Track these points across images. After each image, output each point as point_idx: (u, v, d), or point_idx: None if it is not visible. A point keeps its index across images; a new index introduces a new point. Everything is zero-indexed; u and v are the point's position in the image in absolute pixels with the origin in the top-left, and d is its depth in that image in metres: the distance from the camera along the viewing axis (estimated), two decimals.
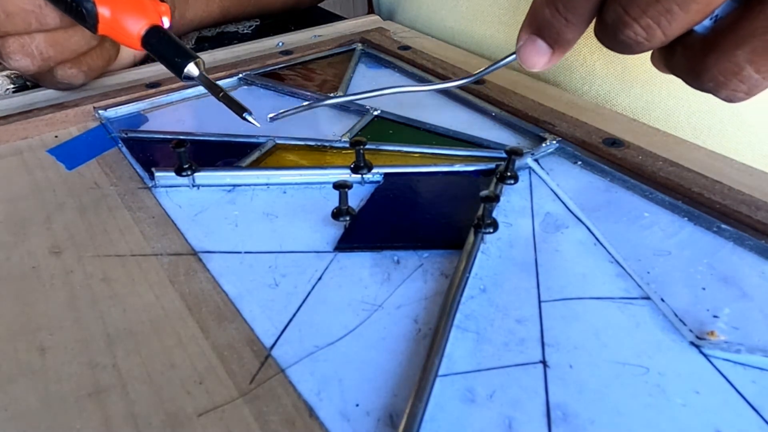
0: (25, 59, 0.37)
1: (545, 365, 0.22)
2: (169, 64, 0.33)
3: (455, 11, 0.50)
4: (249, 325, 0.24)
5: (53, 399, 0.21)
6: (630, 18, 0.23)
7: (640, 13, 0.23)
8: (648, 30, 0.23)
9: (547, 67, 0.27)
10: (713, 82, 0.24)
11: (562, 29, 0.26)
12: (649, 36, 0.23)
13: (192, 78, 0.33)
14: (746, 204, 0.28)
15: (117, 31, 0.34)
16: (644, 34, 0.23)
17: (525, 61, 0.27)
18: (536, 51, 0.27)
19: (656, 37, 0.23)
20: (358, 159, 0.32)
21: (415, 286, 0.25)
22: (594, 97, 0.43)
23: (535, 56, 0.27)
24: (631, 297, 0.24)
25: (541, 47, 0.27)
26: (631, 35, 0.24)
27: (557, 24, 0.26)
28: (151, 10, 0.34)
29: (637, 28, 0.23)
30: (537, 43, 0.27)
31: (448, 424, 0.20)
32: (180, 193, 0.32)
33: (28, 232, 0.29)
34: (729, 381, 0.21)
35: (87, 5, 0.33)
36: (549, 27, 0.26)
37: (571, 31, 0.26)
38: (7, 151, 0.36)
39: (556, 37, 0.26)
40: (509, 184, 0.31)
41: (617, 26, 0.24)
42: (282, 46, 0.49)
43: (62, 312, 0.25)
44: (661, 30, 0.23)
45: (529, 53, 0.27)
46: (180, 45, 0.33)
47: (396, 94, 0.33)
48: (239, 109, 0.31)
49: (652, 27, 0.23)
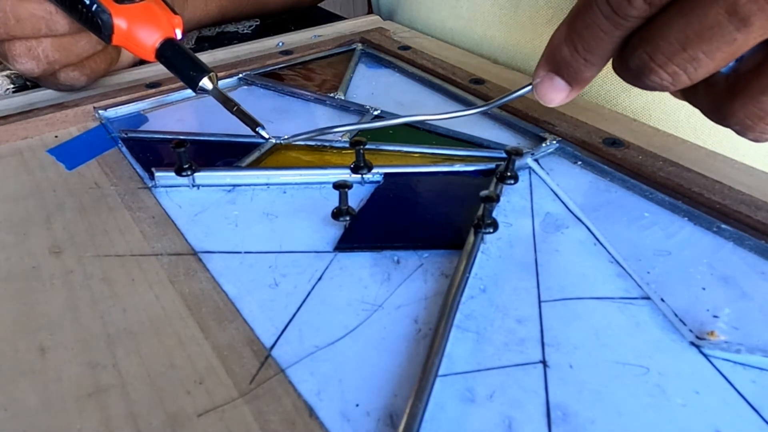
0: (30, 62, 0.37)
1: (545, 365, 0.22)
2: (184, 77, 0.33)
3: (455, 12, 0.50)
4: (249, 325, 0.24)
5: (53, 399, 0.21)
6: (656, 65, 0.23)
7: (665, 60, 0.22)
8: (674, 76, 0.23)
9: (564, 102, 0.27)
10: (740, 126, 0.24)
11: (580, 68, 0.26)
12: (674, 81, 0.23)
13: (206, 91, 0.33)
14: (746, 204, 0.28)
15: (131, 43, 0.34)
16: (670, 79, 0.23)
17: (542, 96, 0.28)
18: (554, 88, 0.27)
19: (681, 82, 0.23)
20: (358, 159, 0.32)
21: (415, 286, 0.25)
22: (595, 97, 0.43)
23: (552, 93, 0.27)
24: (631, 297, 0.24)
25: (558, 84, 0.27)
26: (656, 80, 0.23)
27: (576, 64, 0.25)
28: (165, 23, 0.34)
29: (662, 74, 0.23)
30: (555, 81, 0.27)
31: (448, 424, 0.20)
32: (180, 193, 0.32)
33: (28, 232, 0.29)
34: (729, 381, 0.21)
35: (103, 16, 0.33)
36: (567, 66, 0.26)
37: (590, 70, 0.26)
38: (7, 151, 0.36)
39: (575, 76, 0.26)
40: (509, 184, 0.31)
41: (642, 71, 0.23)
42: (282, 46, 0.49)
43: (62, 312, 0.25)
44: (687, 76, 0.23)
45: (547, 90, 0.27)
46: (194, 58, 0.34)
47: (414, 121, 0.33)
48: (252, 123, 0.32)
49: (678, 73, 0.23)
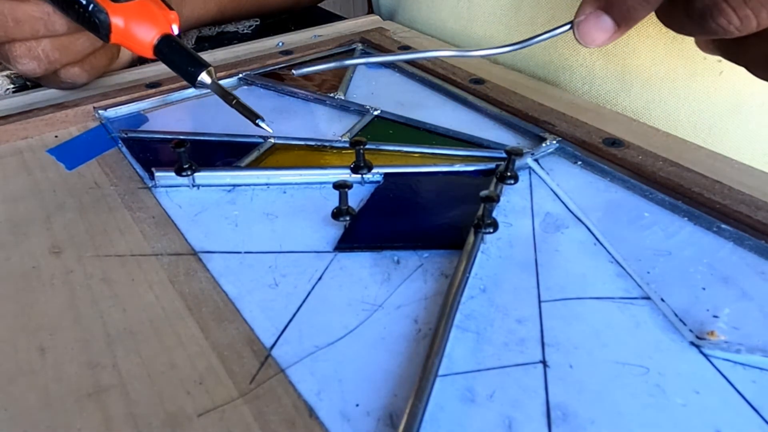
0: (31, 63, 0.37)
1: (545, 365, 0.22)
2: (183, 72, 0.34)
3: (455, 12, 0.50)
4: (249, 325, 0.24)
5: (53, 399, 0.21)
6: (729, 6, 0.21)
7: (740, 2, 0.21)
8: (744, 20, 0.22)
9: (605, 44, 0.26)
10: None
11: (635, 7, 0.24)
12: (743, 25, 0.22)
13: (205, 85, 0.33)
14: (746, 204, 0.28)
15: (129, 40, 0.34)
16: (738, 23, 0.22)
17: (584, 35, 0.26)
18: (600, 27, 0.25)
19: (750, 27, 0.22)
20: (358, 159, 0.32)
21: (415, 286, 0.25)
22: (595, 97, 0.43)
23: (596, 32, 0.26)
24: (631, 297, 0.24)
25: (605, 23, 0.25)
26: (723, 23, 0.22)
27: (633, 2, 0.24)
28: (161, 19, 0.34)
29: (733, 17, 0.22)
30: (602, 19, 0.25)
31: (448, 424, 0.20)
32: (180, 193, 0.32)
33: (28, 232, 0.29)
34: (729, 381, 0.21)
35: (100, 16, 0.33)
36: (621, 3, 0.24)
37: (645, 9, 0.24)
38: (7, 151, 0.36)
39: (626, 15, 0.24)
40: (509, 184, 0.31)
41: (710, 13, 0.22)
42: (282, 46, 0.49)
43: (62, 312, 0.25)
44: (758, 21, 0.22)
45: (591, 28, 0.26)
46: (192, 53, 0.34)
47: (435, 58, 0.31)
48: (252, 116, 0.32)
49: (750, 17, 0.21)
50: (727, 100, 0.40)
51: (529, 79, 0.42)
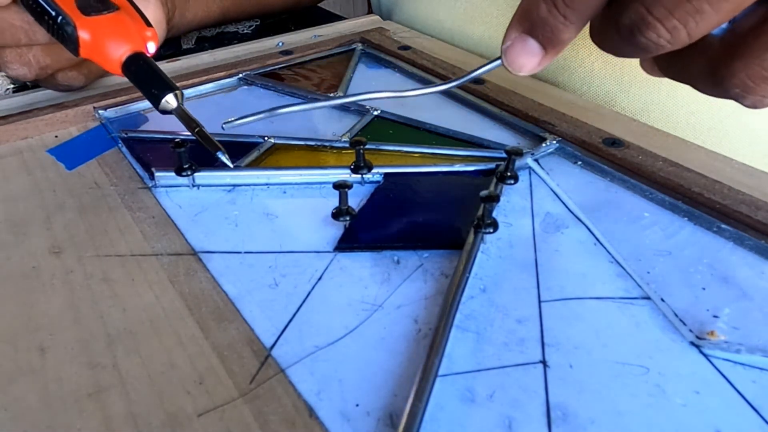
0: (22, 68, 0.37)
1: (545, 365, 0.22)
2: (147, 93, 0.32)
3: (453, 12, 0.50)
4: (249, 325, 0.24)
5: (53, 399, 0.21)
6: (654, 18, 0.21)
7: (666, 13, 0.20)
8: (673, 32, 0.21)
9: (534, 71, 0.25)
10: (740, 88, 0.22)
11: (558, 28, 0.23)
12: (673, 38, 0.21)
13: (168, 111, 0.31)
14: (746, 204, 0.28)
15: (98, 55, 0.33)
16: (668, 36, 0.21)
17: (512, 62, 0.25)
18: (526, 52, 0.24)
19: (680, 39, 0.21)
20: (358, 159, 0.32)
21: (415, 286, 0.25)
22: (594, 97, 0.43)
23: (523, 57, 0.24)
24: (631, 297, 0.24)
25: (532, 48, 0.24)
26: (653, 37, 0.21)
27: (553, 22, 0.23)
28: (135, 36, 0.33)
29: (661, 29, 0.21)
30: (528, 43, 0.24)
31: (448, 424, 0.20)
32: (180, 193, 0.32)
33: (28, 232, 0.29)
34: (729, 381, 0.21)
35: (68, 29, 0.33)
36: (543, 25, 0.23)
37: (569, 30, 0.23)
38: (7, 151, 0.36)
39: (551, 37, 0.24)
40: (509, 184, 0.31)
41: (637, 27, 0.21)
42: (282, 46, 0.49)
43: (62, 312, 0.25)
44: (687, 31, 0.21)
45: (518, 54, 0.24)
46: (160, 75, 0.32)
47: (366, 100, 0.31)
48: (213, 147, 0.30)
49: (678, 28, 0.21)
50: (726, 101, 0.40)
51: (529, 79, 0.42)
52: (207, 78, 0.43)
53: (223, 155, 0.30)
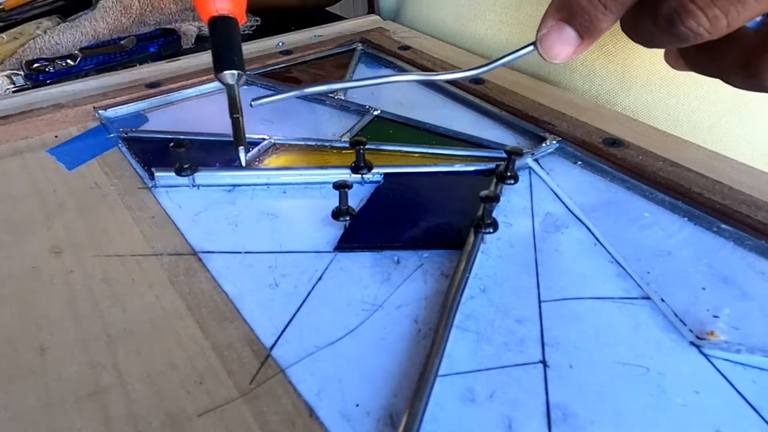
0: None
1: (545, 365, 0.22)
2: (217, 57, 0.31)
3: (456, 10, 0.50)
4: (249, 325, 0.24)
5: (53, 399, 0.21)
6: (696, 7, 0.20)
7: (708, 2, 0.20)
8: (714, 21, 0.21)
9: (569, 59, 0.25)
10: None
11: (598, 17, 0.23)
12: (712, 27, 0.21)
13: (224, 83, 0.31)
14: (746, 204, 0.28)
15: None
16: (708, 25, 0.21)
17: (548, 50, 0.25)
18: (563, 40, 0.24)
19: (719, 28, 0.21)
20: (358, 159, 0.32)
21: (415, 286, 0.25)
22: (594, 97, 0.43)
23: (560, 45, 0.24)
24: (631, 297, 0.24)
25: (568, 36, 0.24)
26: (693, 26, 0.21)
27: (593, 11, 0.23)
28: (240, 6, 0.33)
29: (702, 18, 0.21)
30: (564, 31, 0.24)
31: (448, 424, 0.20)
32: (180, 193, 0.32)
33: (28, 232, 0.29)
34: (729, 381, 0.21)
35: None
36: (583, 13, 0.23)
37: (608, 19, 0.23)
38: (7, 151, 0.36)
39: (589, 26, 0.23)
40: (509, 184, 0.31)
41: (678, 16, 0.21)
42: (282, 46, 0.49)
43: (62, 312, 0.24)
44: (728, 21, 0.21)
45: (554, 42, 0.24)
46: (237, 50, 0.32)
47: (395, 82, 0.30)
48: (239, 141, 0.30)
49: (719, 17, 0.20)
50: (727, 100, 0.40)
51: (529, 79, 0.42)
52: (207, 78, 0.43)
53: (243, 152, 0.30)
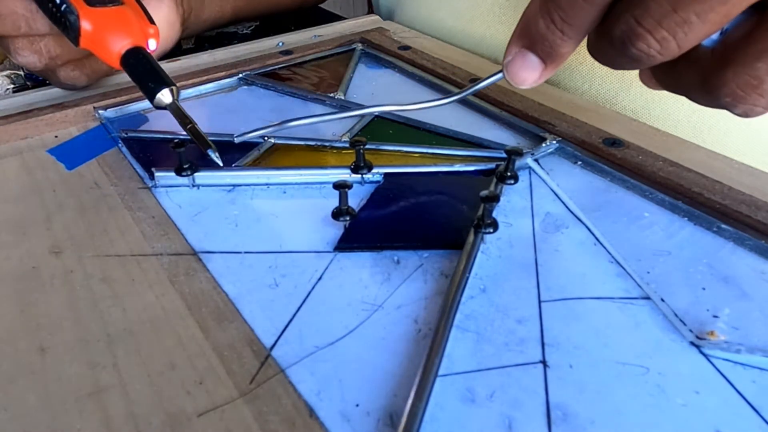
0: (32, 56, 0.37)
1: (545, 365, 0.22)
2: (143, 87, 0.32)
3: (454, 11, 0.50)
4: (249, 325, 0.24)
5: (53, 399, 0.21)
6: (644, 30, 0.21)
7: (655, 24, 0.21)
8: (663, 42, 0.21)
9: (536, 84, 0.26)
10: (731, 97, 0.22)
11: (557, 42, 0.24)
12: (663, 49, 0.22)
13: (162, 106, 0.32)
14: (746, 204, 0.28)
15: (98, 47, 0.34)
16: (658, 47, 0.22)
17: (514, 76, 0.26)
18: (527, 66, 0.25)
19: (670, 49, 0.22)
20: (358, 159, 0.32)
21: (415, 286, 0.25)
22: (595, 96, 0.43)
23: (524, 71, 0.25)
24: (631, 297, 0.24)
25: (532, 62, 0.25)
26: (644, 48, 0.22)
27: (552, 37, 0.24)
28: (137, 31, 0.34)
29: (650, 40, 0.21)
30: (528, 58, 0.25)
31: (448, 424, 0.20)
32: (180, 193, 0.32)
33: (28, 232, 0.29)
34: (729, 381, 0.21)
35: (71, 17, 0.33)
36: (543, 40, 0.24)
37: (567, 45, 0.24)
38: (7, 151, 0.36)
39: (550, 51, 0.24)
40: (509, 184, 0.31)
41: (628, 39, 0.22)
42: (282, 46, 0.49)
43: (62, 312, 0.25)
44: (677, 42, 0.21)
45: (519, 68, 0.25)
46: (157, 70, 0.33)
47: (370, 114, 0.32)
48: (205, 145, 0.30)
49: (668, 39, 0.21)
50: None
51: None
52: (207, 78, 0.43)
53: (214, 153, 0.30)
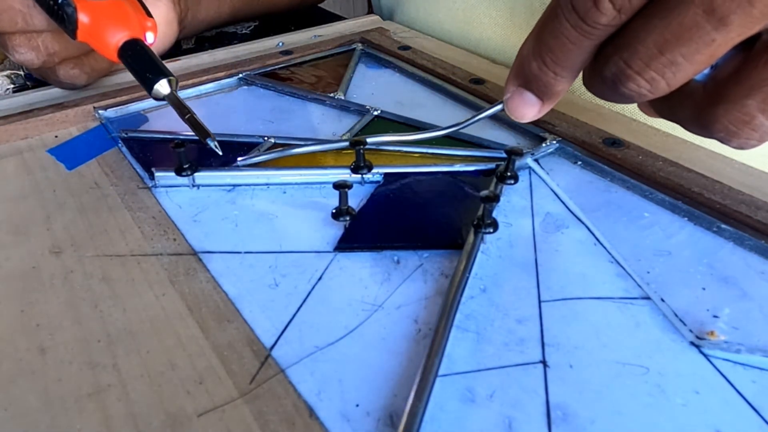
0: (30, 53, 0.37)
1: (545, 365, 0.22)
2: (141, 78, 0.32)
3: (451, 14, 0.50)
4: (249, 325, 0.24)
5: (53, 399, 0.21)
6: (633, 71, 0.22)
7: (643, 66, 0.22)
8: (652, 82, 0.22)
9: (537, 118, 0.27)
10: (724, 133, 0.23)
11: (550, 82, 0.25)
12: (652, 88, 0.22)
13: (161, 96, 0.32)
14: (746, 204, 0.28)
15: (95, 39, 0.34)
16: (648, 86, 0.22)
17: (513, 112, 0.27)
18: (525, 103, 0.26)
19: (660, 88, 0.22)
20: (358, 159, 0.32)
21: (415, 286, 0.25)
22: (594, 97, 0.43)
23: (523, 108, 0.26)
24: (631, 297, 0.24)
25: (529, 99, 0.26)
26: (634, 88, 0.22)
27: (545, 78, 0.25)
28: (134, 24, 0.34)
29: (640, 81, 0.22)
30: (525, 96, 0.26)
31: (448, 424, 0.20)
32: (180, 193, 0.32)
33: (28, 232, 0.29)
34: (729, 381, 0.21)
35: (68, 9, 0.33)
36: (537, 80, 0.25)
37: (561, 83, 0.25)
38: (7, 151, 0.36)
39: (545, 90, 0.25)
40: (509, 184, 0.31)
41: (618, 79, 0.23)
42: (282, 46, 0.49)
43: (62, 312, 0.24)
44: (666, 81, 0.22)
45: (517, 105, 0.26)
46: (155, 62, 0.33)
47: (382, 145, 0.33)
48: (203, 134, 0.31)
49: (656, 79, 0.22)
50: None
51: None
52: (207, 78, 0.43)
53: (213, 142, 0.30)
